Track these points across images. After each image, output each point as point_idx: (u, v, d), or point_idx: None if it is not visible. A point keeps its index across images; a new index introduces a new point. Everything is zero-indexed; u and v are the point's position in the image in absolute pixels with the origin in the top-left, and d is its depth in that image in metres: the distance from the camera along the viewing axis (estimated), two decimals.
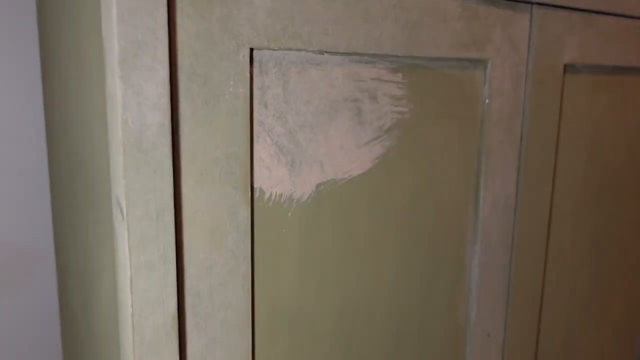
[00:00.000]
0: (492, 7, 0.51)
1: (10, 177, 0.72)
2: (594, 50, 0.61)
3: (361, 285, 0.49)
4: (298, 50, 0.41)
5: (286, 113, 0.42)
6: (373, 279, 0.50)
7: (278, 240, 0.44)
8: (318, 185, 0.45)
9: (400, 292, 0.52)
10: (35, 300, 0.75)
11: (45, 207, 0.74)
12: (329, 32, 0.42)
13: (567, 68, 0.59)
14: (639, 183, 0.72)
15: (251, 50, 0.39)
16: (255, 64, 0.40)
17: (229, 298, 0.41)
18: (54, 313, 0.76)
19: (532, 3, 0.54)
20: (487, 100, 0.53)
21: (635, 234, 0.73)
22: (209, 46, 0.37)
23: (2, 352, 0.74)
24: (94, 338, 0.52)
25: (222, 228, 0.40)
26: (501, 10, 0.52)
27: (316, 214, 0.45)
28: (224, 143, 0.39)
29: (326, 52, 0.43)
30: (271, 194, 0.43)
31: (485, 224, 0.56)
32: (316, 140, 0.44)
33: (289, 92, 0.42)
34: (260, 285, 0.43)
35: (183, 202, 0.38)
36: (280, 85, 0.41)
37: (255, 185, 0.42)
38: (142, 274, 0.37)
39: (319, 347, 0.47)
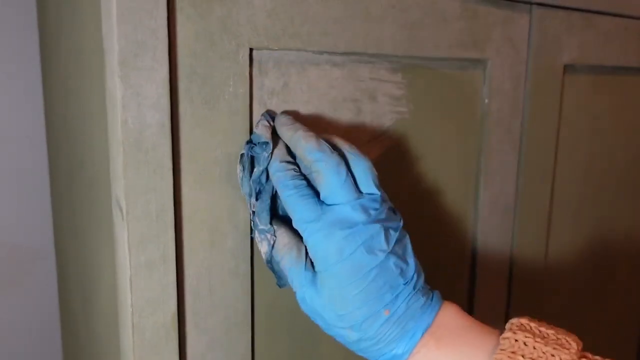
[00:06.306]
0: (492, 7, 0.51)
1: (10, 177, 0.72)
2: (593, 50, 0.61)
3: None
4: (298, 50, 0.41)
5: None
6: None
7: None
8: None
9: None
10: (35, 300, 0.75)
11: (45, 207, 0.74)
12: (329, 32, 0.42)
13: (567, 68, 0.59)
14: (639, 183, 0.72)
15: (251, 50, 0.39)
16: (254, 64, 0.40)
17: (229, 298, 0.41)
18: (54, 313, 0.77)
19: (531, 3, 0.54)
20: (486, 100, 0.53)
21: (635, 233, 0.74)
22: (209, 46, 0.37)
23: (2, 352, 0.74)
24: (94, 338, 0.52)
25: (222, 228, 0.40)
26: (501, 10, 0.52)
27: None
28: (223, 143, 0.39)
29: (326, 52, 0.43)
30: None
31: (485, 224, 0.56)
32: None
33: (288, 92, 0.42)
34: (260, 285, 0.43)
35: (183, 202, 0.38)
36: (280, 85, 0.41)
37: None
38: (142, 274, 0.37)
39: (318, 346, 0.47)
